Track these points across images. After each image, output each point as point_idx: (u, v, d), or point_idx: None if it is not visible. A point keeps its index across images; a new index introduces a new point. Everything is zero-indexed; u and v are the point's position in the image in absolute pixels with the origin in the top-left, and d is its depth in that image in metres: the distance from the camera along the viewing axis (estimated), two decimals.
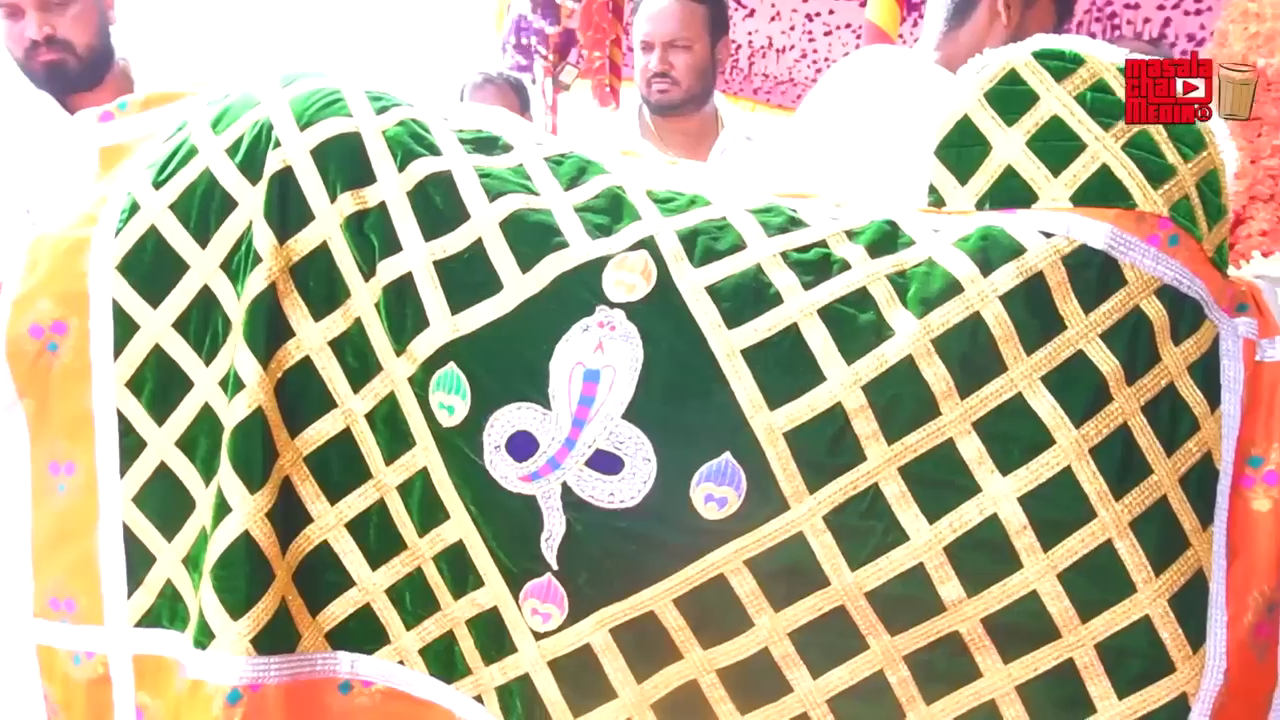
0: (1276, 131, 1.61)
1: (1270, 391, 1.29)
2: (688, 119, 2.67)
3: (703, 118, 2.70)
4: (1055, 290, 1.20)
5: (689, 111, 2.66)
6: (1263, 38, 1.59)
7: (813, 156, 1.72)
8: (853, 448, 1.21)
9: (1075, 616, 1.18)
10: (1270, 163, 1.60)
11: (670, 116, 2.66)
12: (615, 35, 4.69)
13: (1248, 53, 1.59)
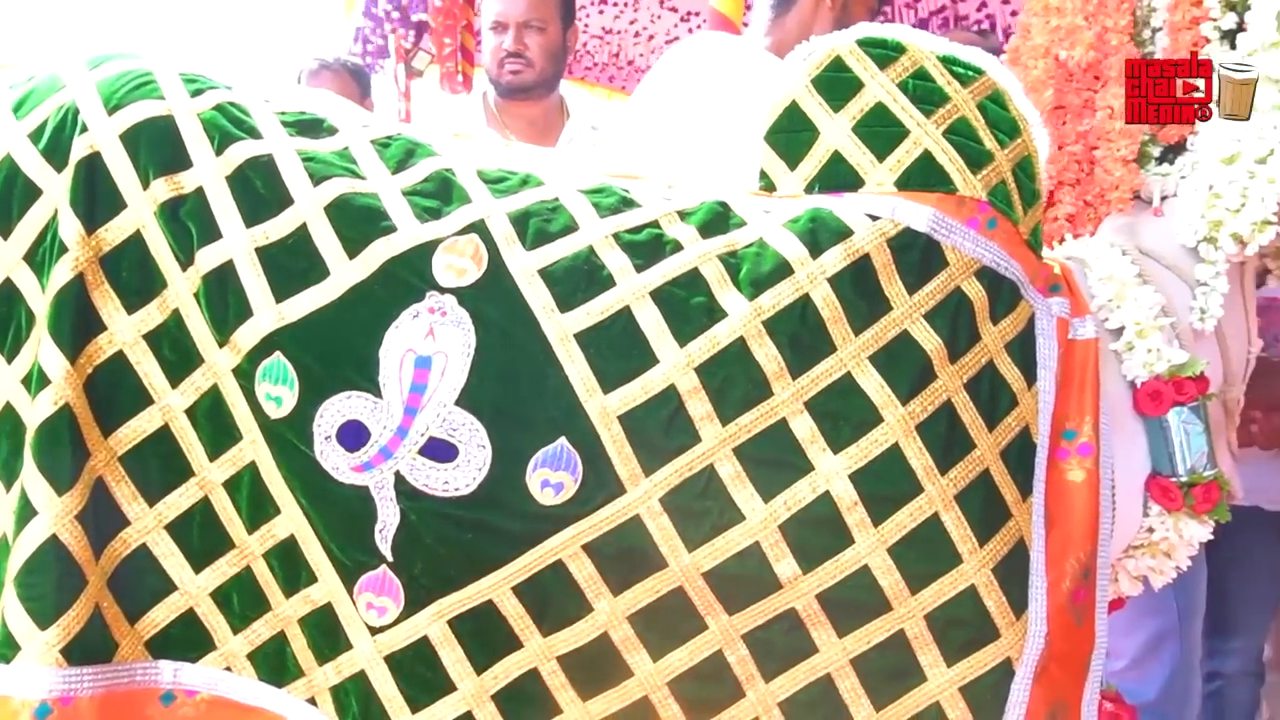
0: (1079, 119, 1.68)
1: (1082, 368, 1.35)
2: (535, 104, 2.65)
3: (550, 105, 2.69)
4: (881, 272, 1.23)
5: (539, 96, 2.64)
6: (1064, 31, 1.66)
7: (645, 141, 1.72)
8: (687, 429, 1.21)
9: (905, 589, 1.21)
10: (1074, 149, 1.68)
11: (519, 100, 2.63)
12: (467, 20, 4.62)
13: (1050, 45, 1.66)
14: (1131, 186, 1.62)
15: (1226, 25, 1.60)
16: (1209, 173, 1.50)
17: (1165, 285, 1.50)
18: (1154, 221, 1.57)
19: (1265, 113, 1.48)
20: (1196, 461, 1.44)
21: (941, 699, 1.24)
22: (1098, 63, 1.66)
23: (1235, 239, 1.46)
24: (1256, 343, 1.71)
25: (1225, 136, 1.50)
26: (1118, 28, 1.66)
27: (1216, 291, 1.50)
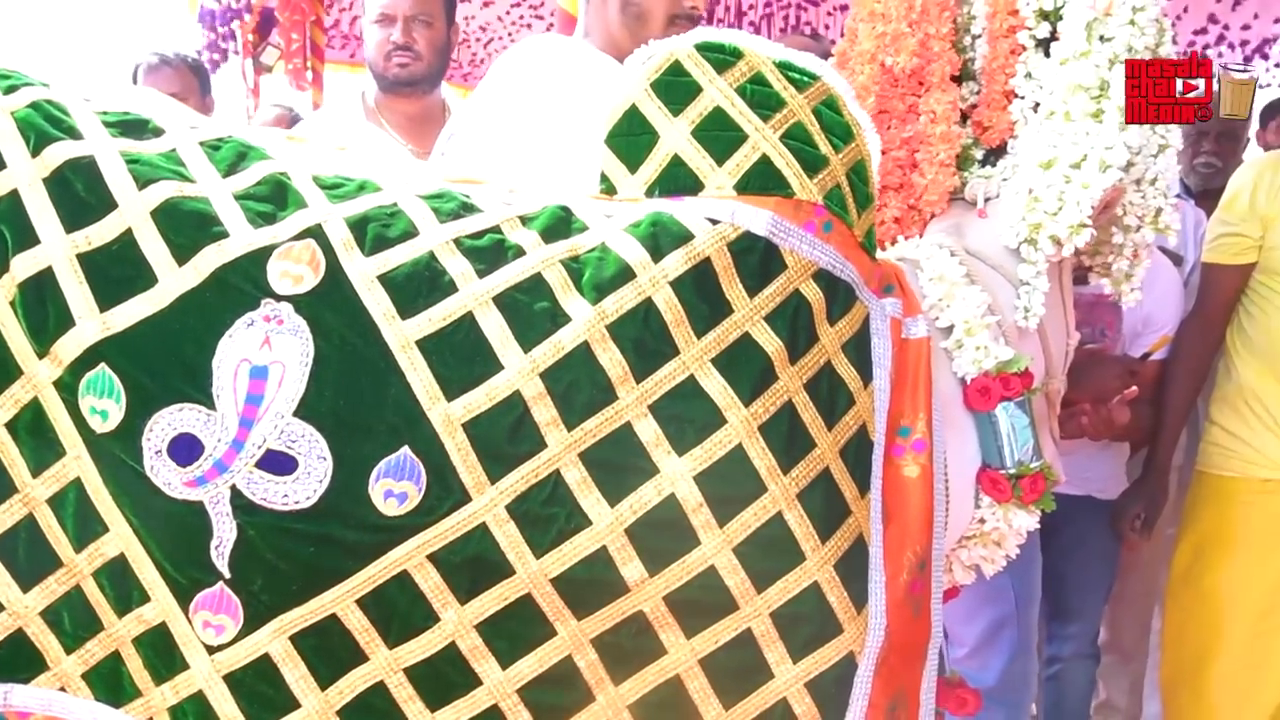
0: (903, 125, 1.74)
1: (915, 366, 1.40)
2: (418, 100, 2.61)
3: (432, 102, 2.65)
4: (722, 275, 1.25)
5: (424, 91, 2.60)
6: (889, 37, 1.71)
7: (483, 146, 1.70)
8: (533, 435, 1.21)
9: (751, 587, 1.23)
10: (899, 154, 1.73)
11: (404, 95, 2.59)
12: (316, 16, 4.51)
13: (876, 51, 1.72)
14: (945, 189, 1.69)
15: (1041, 34, 1.68)
16: (1028, 176, 1.57)
17: (991, 284, 1.56)
18: (979, 223, 1.64)
19: (1079, 119, 1.55)
20: (1023, 454, 1.50)
21: (788, 695, 1.26)
22: (921, 69, 1.72)
23: (1054, 241, 1.53)
24: (1075, 336, 1.80)
25: (1042, 142, 1.58)
26: (939, 34, 1.72)
27: (1038, 290, 1.57)
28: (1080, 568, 2.60)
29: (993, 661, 2.34)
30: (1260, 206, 2.38)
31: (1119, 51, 1.56)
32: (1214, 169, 3.14)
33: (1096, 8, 1.58)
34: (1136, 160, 1.61)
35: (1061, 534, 2.55)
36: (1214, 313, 2.45)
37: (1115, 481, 2.59)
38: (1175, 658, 2.53)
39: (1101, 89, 1.57)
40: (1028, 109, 1.68)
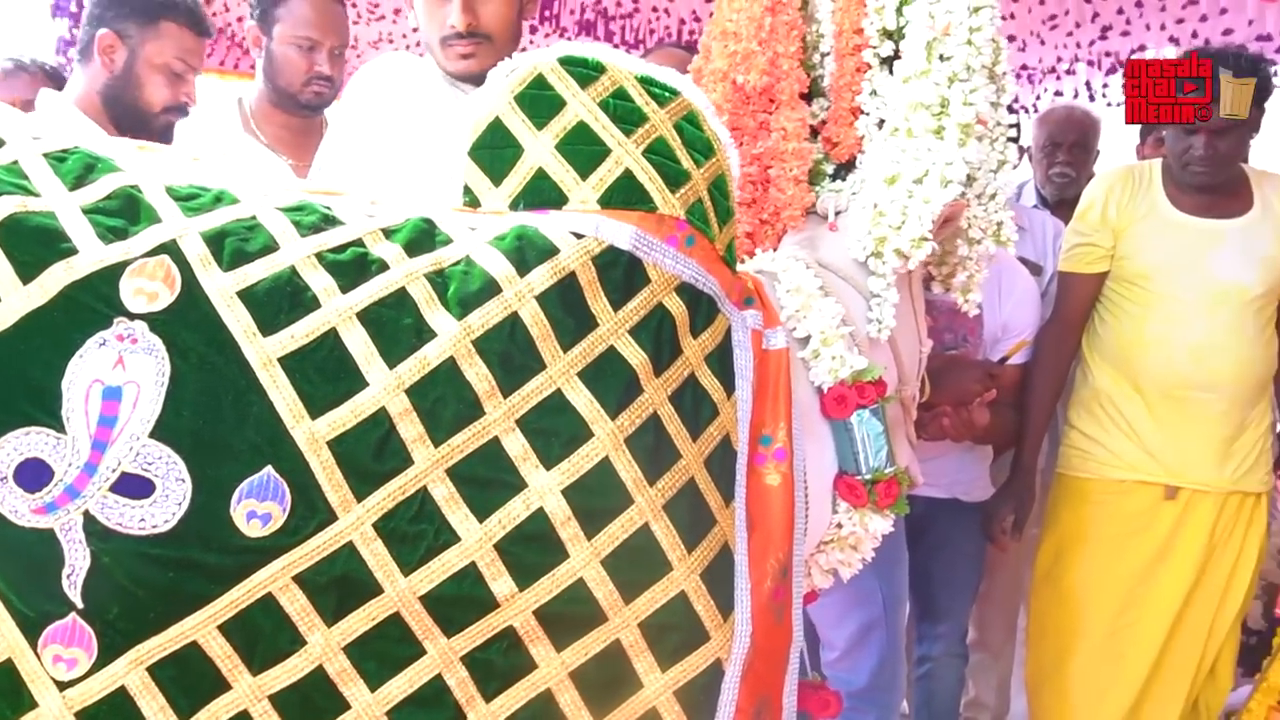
0: (755, 142, 1.78)
1: (775, 376, 1.43)
2: (307, 117, 2.57)
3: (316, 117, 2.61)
4: (587, 289, 1.26)
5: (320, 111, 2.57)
6: (740, 56, 1.75)
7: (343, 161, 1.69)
8: (399, 452, 1.20)
9: (620, 599, 1.24)
10: (750, 170, 1.78)
11: (301, 115, 2.55)
12: None
13: (728, 70, 1.76)
14: (803, 204, 1.73)
15: (885, 52, 1.74)
16: (873, 192, 1.62)
17: (844, 296, 1.61)
18: (830, 236, 1.68)
19: (921, 136, 1.61)
20: (878, 460, 1.55)
21: (658, 704, 1.27)
22: (771, 86, 1.76)
23: (898, 254, 1.58)
24: (927, 343, 1.86)
25: (886, 158, 1.63)
26: (788, 53, 1.77)
27: (889, 302, 1.62)
28: (947, 569, 2.67)
29: (863, 663, 2.39)
30: (1111, 218, 2.50)
31: (957, 70, 1.61)
32: (1068, 179, 3.30)
33: (935, 28, 1.64)
34: (978, 175, 1.68)
35: (929, 536, 2.63)
36: (1070, 319, 2.57)
37: (980, 484, 2.67)
38: (1038, 654, 2.63)
39: (942, 106, 1.62)
40: (873, 125, 1.73)
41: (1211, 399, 2.42)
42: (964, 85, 1.61)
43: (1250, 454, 2.46)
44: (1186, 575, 2.45)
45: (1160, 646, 2.46)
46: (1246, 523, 2.47)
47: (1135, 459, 2.48)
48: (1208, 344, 2.40)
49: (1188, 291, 2.41)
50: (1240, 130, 2.34)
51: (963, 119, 1.60)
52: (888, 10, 1.71)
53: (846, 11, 1.78)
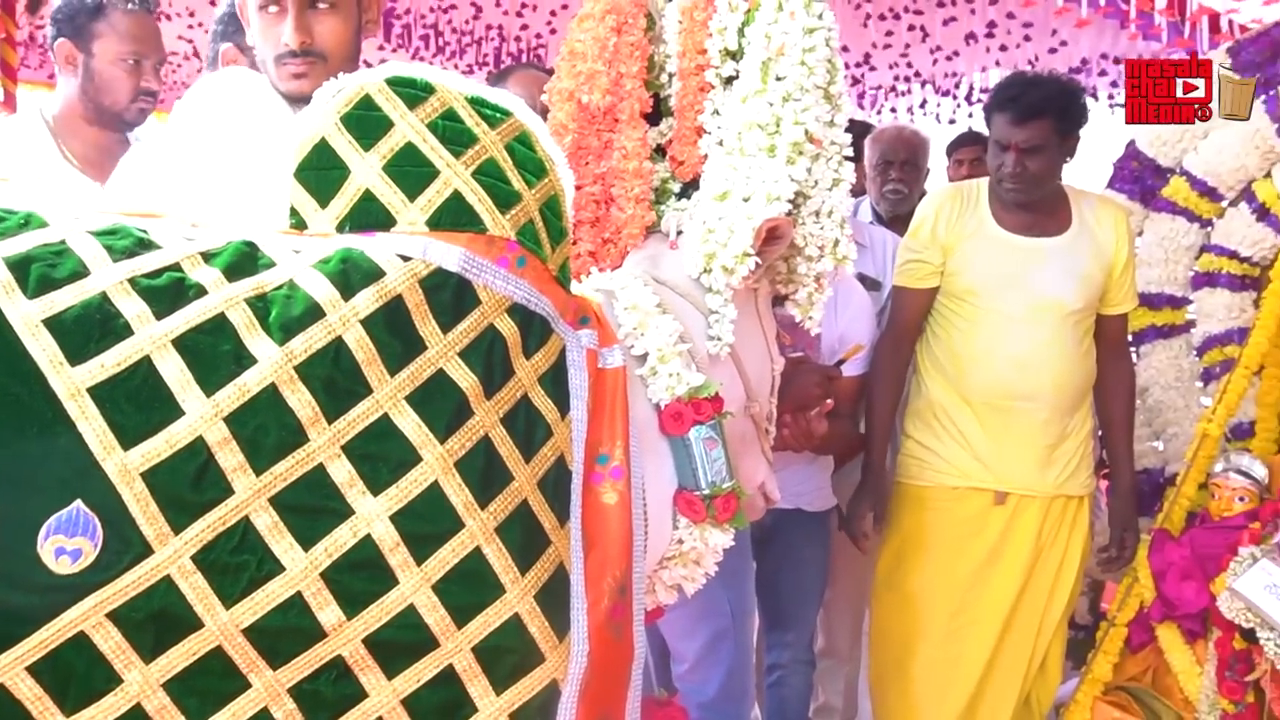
0: (598, 161, 1.79)
1: (612, 395, 1.44)
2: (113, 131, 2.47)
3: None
4: (414, 312, 1.25)
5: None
6: (585, 76, 1.76)
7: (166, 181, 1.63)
8: (219, 482, 1.16)
9: (452, 624, 1.23)
10: (593, 189, 1.79)
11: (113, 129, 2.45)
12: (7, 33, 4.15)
13: (574, 90, 1.77)
14: (643, 223, 1.75)
15: (727, 72, 1.77)
16: (705, 209, 1.65)
17: (683, 313, 1.62)
18: (671, 254, 1.70)
19: (752, 154, 1.64)
20: (716, 475, 1.57)
21: None
22: (614, 106, 1.78)
23: (725, 270, 1.61)
24: (779, 361, 1.90)
25: (719, 175, 1.66)
26: (631, 73, 1.79)
27: (726, 319, 1.64)
28: (793, 578, 2.73)
29: (713, 674, 2.42)
30: (940, 236, 2.60)
31: (791, 90, 1.65)
32: (901, 195, 3.42)
33: (770, 48, 1.67)
34: (812, 194, 1.72)
35: (774, 546, 2.69)
36: (903, 330, 2.66)
37: (822, 493, 2.74)
38: (880, 657, 2.72)
39: (776, 125, 1.66)
40: (716, 144, 1.76)
41: (1034, 408, 2.53)
42: (796, 104, 1.64)
43: (1072, 460, 2.58)
44: (1016, 576, 2.56)
45: (994, 645, 2.56)
46: (1071, 525, 2.60)
47: (967, 466, 2.58)
48: (1030, 356, 2.51)
49: (1011, 306, 2.52)
50: (1049, 152, 2.46)
51: (793, 137, 1.64)
52: (729, 31, 1.74)
53: (690, 32, 1.80)
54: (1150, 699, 2.58)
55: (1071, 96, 2.48)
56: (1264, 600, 2.27)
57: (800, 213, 1.71)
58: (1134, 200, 3.00)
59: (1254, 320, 2.79)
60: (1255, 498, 2.54)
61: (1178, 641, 2.55)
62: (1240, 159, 2.82)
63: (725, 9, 1.74)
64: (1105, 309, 2.60)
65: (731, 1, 1.74)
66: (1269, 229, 2.83)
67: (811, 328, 1.86)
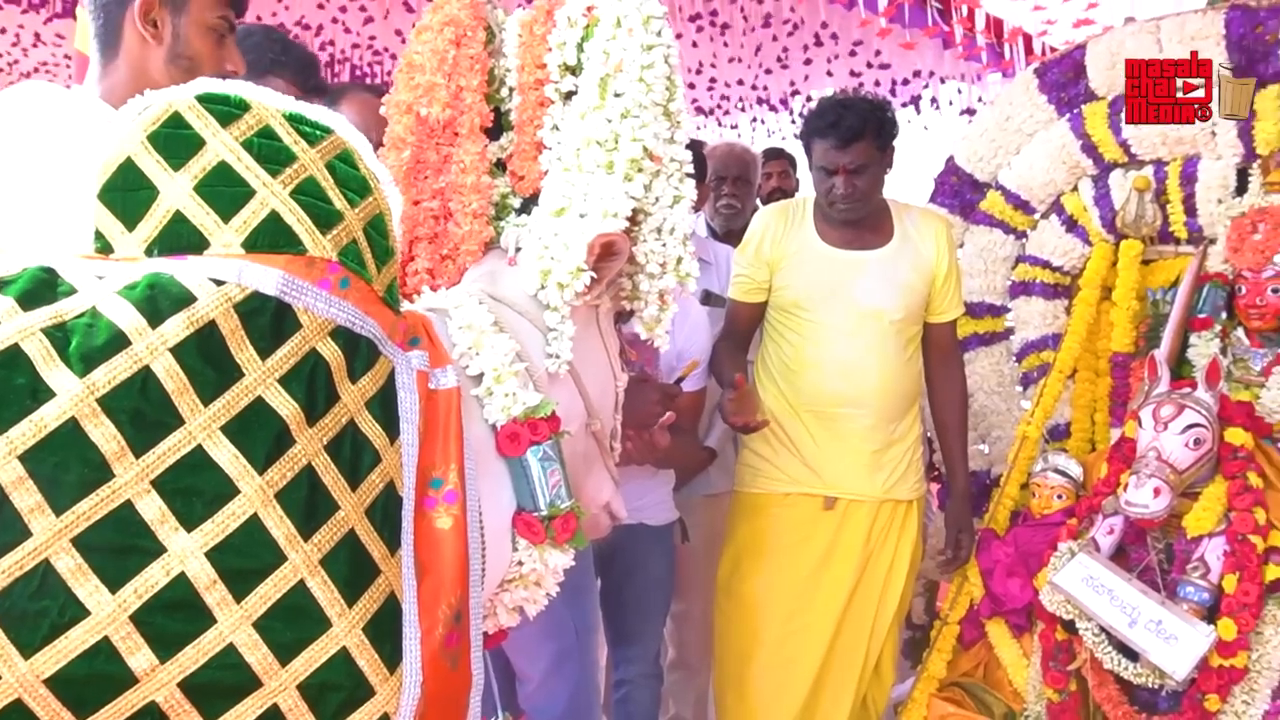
0: (437, 176, 1.75)
1: (445, 417, 1.40)
2: None
3: None
4: (230, 338, 1.19)
5: None
6: (423, 89, 1.73)
7: None
8: (14, 524, 1.08)
9: (275, 662, 1.17)
10: (431, 205, 1.75)
11: None
12: None
13: (411, 103, 1.73)
14: (481, 239, 1.72)
15: (566, 88, 1.76)
16: (541, 225, 1.64)
17: (520, 332, 1.60)
18: (509, 270, 1.68)
19: (590, 170, 1.64)
20: (555, 495, 1.55)
21: None
22: (453, 120, 1.75)
23: (560, 287, 1.60)
24: (622, 378, 1.89)
25: (556, 192, 1.65)
26: (471, 86, 1.76)
27: (564, 336, 1.63)
28: (638, 592, 2.73)
29: (559, 692, 2.40)
30: (766, 253, 2.66)
31: (629, 107, 1.64)
32: (734, 210, 3.50)
33: (609, 64, 1.66)
34: (653, 211, 1.72)
35: (617, 561, 2.69)
36: (735, 338, 2.74)
37: (664, 507, 2.76)
38: (722, 662, 2.75)
39: (614, 141, 1.65)
40: (556, 160, 1.75)
41: (859, 415, 2.61)
42: (635, 121, 1.64)
43: (900, 465, 2.67)
44: (847, 580, 2.63)
45: (827, 647, 2.62)
46: (900, 528, 2.68)
47: (797, 473, 2.64)
48: (854, 364, 2.59)
49: (835, 317, 2.59)
50: (873, 169, 2.55)
51: (631, 154, 1.63)
52: (569, 46, 1.73)
53: (529, 47, 1.79)
54: (982, 692, 2.67)
55: (883, 113, 2.58)
56: (1082, 592, 2.39)
57: (641, 230, 1.71)
58: (954, 213, 3.13)
59: (1066, 326, 2.94)
60: (1072, 495, 2.67)
61: (1006, 636, 2.66)
62: (1049, 174, 2.97)
63: (564, 24, 1.74)
64: (931, 317, 2.69)
65: (570, 17, 1.73)
66: (1077, 239, 2.98)
67: (662, 345, 1.87)
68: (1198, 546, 2.35)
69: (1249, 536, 2.28)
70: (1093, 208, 2.93)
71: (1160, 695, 2.37)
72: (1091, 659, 2.41)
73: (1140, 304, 2.86)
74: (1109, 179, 2.90)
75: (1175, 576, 2.37)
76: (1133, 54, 2.77)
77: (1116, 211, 2.86)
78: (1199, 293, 2.71)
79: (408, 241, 1.75)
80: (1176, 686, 2.30)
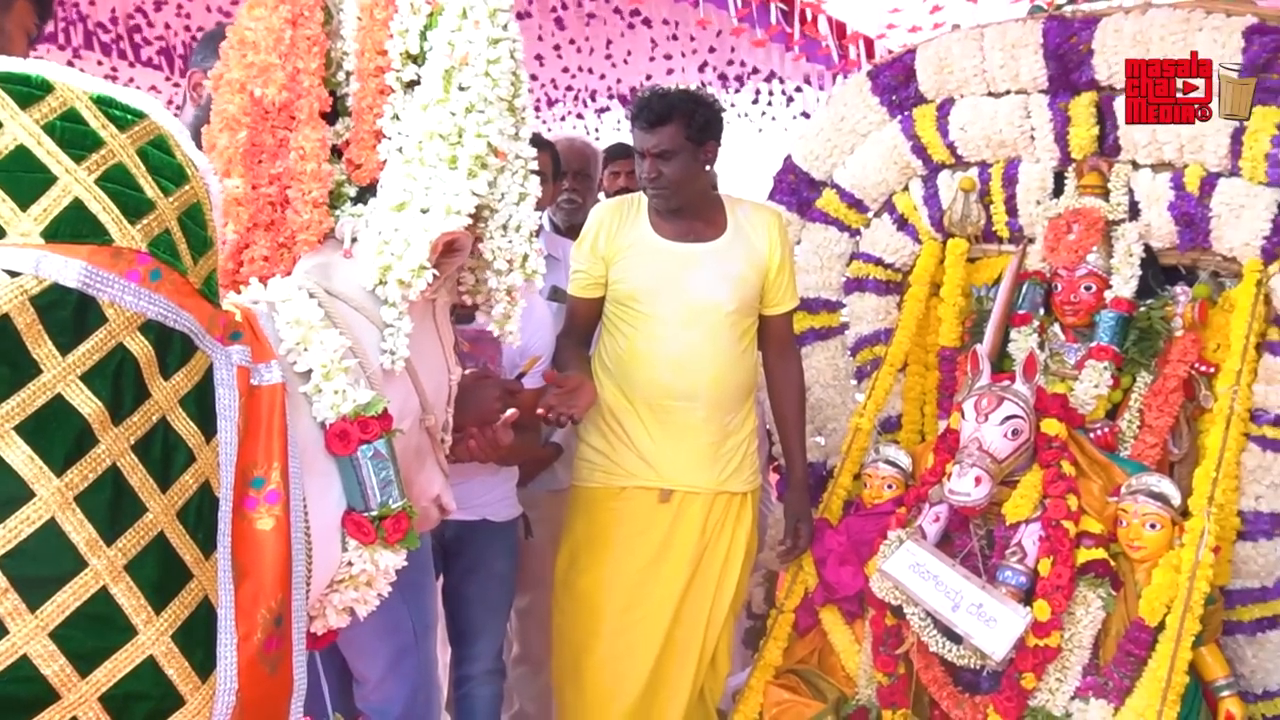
0: (274, 160, 1.69)
1: (268, 414, 1.36)
2: None
3: None
4: (25, 333, 1.12)
5: None
6: (258, 68, 1.67)
7: None
8: None
9: (74, 673, 1.11)
10: (269, 190, 1.69)
11: None
12: None
13: (245, 81, 1.66)
14: (321, 229, 1.67)
15: (408, 76, 1.72)
16: (381, 219, 1.60)
17: (354, 327, 1.57)
18: (344, 263, 1.64)
19: (433, 165, 1.61)
20: (386, 495, 1.53)
21: None
22: (291, 103, 1.69)
23: (401, 284, 1.57)
24: (456, 371, 1.87)
25: (397, 185, 1.62)
26: (309, 69, 1.70)
27: (401, 332, 1.60)
28: (480, 589, 2.71)
29: (397, 692, 2.37)
30: (601, 249, 2.68)
31: (474, 101, 1.62)
32: (575, 204, 3.50)
33: (454, 56, 1.64)
34: (499, 208, 1.70)
35: (460, 558, 2.66)
36: (574, 334, 2.74)
37: (508, 503, 2.74)
38: (559, 656, 2.76)
39: (458, 136, 1.63)
40: (396, 150, 1.71)
41: (693, 407, 2.65)
42: (480, 116, 1.62)
43: (735, 457, 2.71)
44: (683, 571, 2.66)
45: (663, 639, 2.65)
46: (735, 520, 2.72)
47: (633, 466, 2.66)
48: (687, 357, 2.62)
49: (668, 310, 2.62)
50: (681, 156, 2.56)
51: (475, 150, 1.61)
52: (411, 34, 1.69)
53: (370, 31, 1.74)
54: (816, 678, 2.75)
55: (698, 103, 2.61)
56: (909, 579, 2.47)
57: (488, 227, 1.69)
58: (792, 211, 3.20)
59: (897, 322, 3.05)
60: (902, 485, 2.77)
61: (839, 622, 2.74)
62: (881, 173, 3.06)
63: (407, 10, 1.70)
64: (766, 309, 2.74)
65: (414, 3, 1.69)
66: (908, 237, 3.08)
67: (512, 341, 1.85)
68: (1016, 532, 2.46)
69: (1062, 522, 2.40)
70: (922, 207, 3.04)
71: (982, 676, 2.47)
72: (918, 643, 2.50)
73: (966, 300, 2.98)
74: (937, 179, 3.01)
75: (995, 561, 2.48)
76: (959, 60, 2.90)
77: (944, 211, 2.98)
78: (1019, 290, 2.84)
79: (245, 228, 1.68)
80: (996, 667, 2.41)
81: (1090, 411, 2.64)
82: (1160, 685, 2.22)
